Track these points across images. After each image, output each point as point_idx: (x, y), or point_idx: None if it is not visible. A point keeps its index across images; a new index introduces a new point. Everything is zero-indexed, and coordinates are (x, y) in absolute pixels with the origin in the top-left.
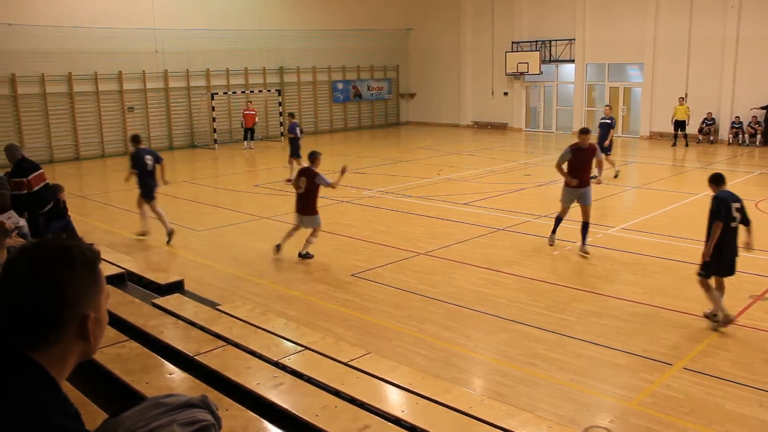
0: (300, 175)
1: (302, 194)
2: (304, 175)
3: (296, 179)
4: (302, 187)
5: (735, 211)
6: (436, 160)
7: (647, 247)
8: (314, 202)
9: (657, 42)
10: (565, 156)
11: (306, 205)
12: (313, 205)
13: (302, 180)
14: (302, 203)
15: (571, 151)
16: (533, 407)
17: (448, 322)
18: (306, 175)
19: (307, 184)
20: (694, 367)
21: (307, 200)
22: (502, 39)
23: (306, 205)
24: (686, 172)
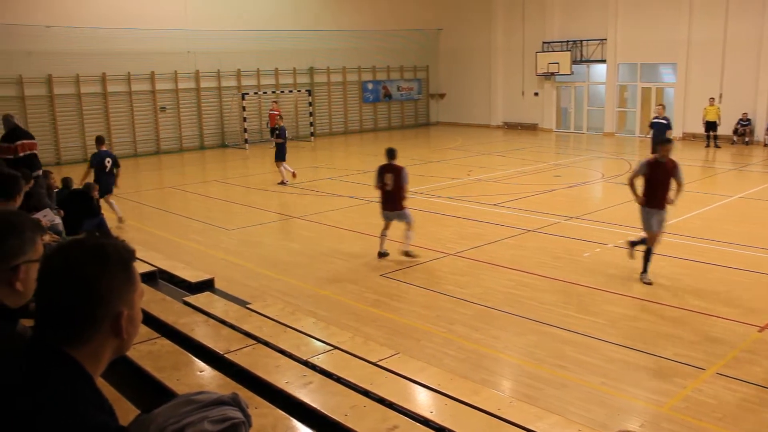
0: (385, 172)
1: (390, 191)
2: (390, 171)
3: (380, 177)
4: (389, 184)
5: None
6: (466, 161)
7: (680, 250)
8: (402, 197)
9: (691, 42)
10: (640, 171)
11: (395, 202)
12: (401, 200)
13: (388, 177)
14: (391, 200)
15: (648, 166)
16: (563, 410)
17: (477, 323)
18: (392, 171)
19: (394, 181)
20: (728, 372)
21: (395, 196)
22: (533, 39)
23: (395, 202)
24: (719, 174)
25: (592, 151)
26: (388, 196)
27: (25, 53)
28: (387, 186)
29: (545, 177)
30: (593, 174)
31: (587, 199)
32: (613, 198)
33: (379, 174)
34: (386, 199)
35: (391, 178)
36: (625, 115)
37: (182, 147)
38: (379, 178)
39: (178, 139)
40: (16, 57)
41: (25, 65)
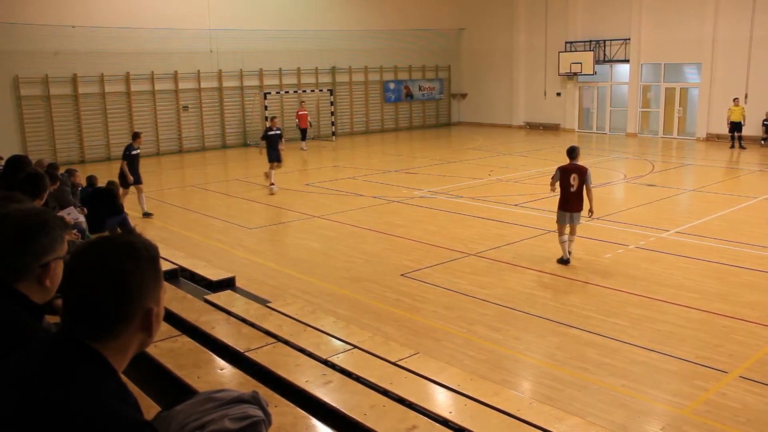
0: (570, 173)
1: (575, 192)
2: (576, 171)
3: (564, 177)
4: (575, 185)
5: None
6: (488, 161)
7: (703, 252)
8: (582, 199)
9: (716, 41)
10: None
11: (580, 202)
12: (582, 201)
13: (574, 177)
14: (577, 200)
15: None
16: (583, 412)
17: (497, 323)
18: (577, 171)
19: (579, 182)
20: (751, 376)
21: (581, 197)
22: (556, 39)
23: (580, 202)
24: (743, 175)
25: (615, 152)
26: (573, 197)
27: (52, 53)
28: (573, 187)
29: None
30: (615, 175)
31: (609, 199)
32: (635, 199)
33: (563, 174)
34: (571, 200)
35: (576, 179)
36: (648, 116)
37: (204, 146)
38: (563, 179)
39: (200, 138)
40: (43, 57)
41: (51, 65)
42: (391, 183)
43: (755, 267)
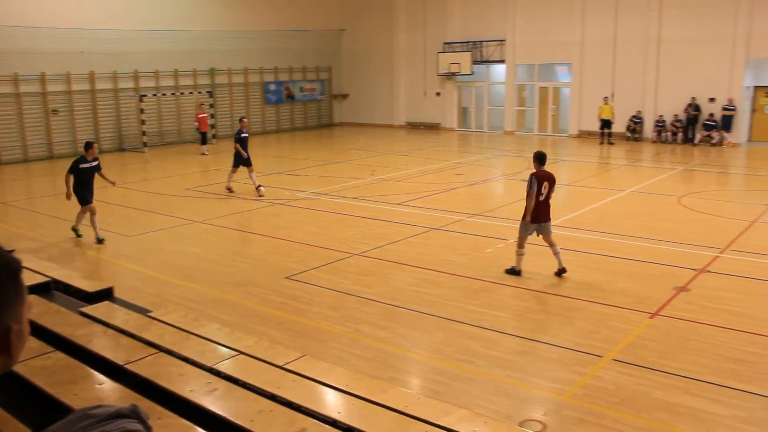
0: (544, 180)
1: (545, 200)
2: (548, 179)
3: (540, 186)
4: (544, 193)
5: None
6: (370, 161)
7: (578, 243)
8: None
9: (584, 43)
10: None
11: (549, 210)
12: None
13: (545, 186)
14: (547, 209)
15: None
16: (470, 404)
17: (383, 322)
18: (549, 179)
19: (548, 190)
20: (623, 358)
21: (549, 205)
22: (435, 40)
23: (549, 210)
24: (612, 169)
25: (494, 150)
26: (543, 206)
27: None
28: (542, 195)
29: (448, 175)
30: (494, 172)
31: (489, 196)
32: (514, 194)
33: (539, 182)
34: (541, 209)
35: (547, 187)
36: (524, 114)
37: (77, 151)
38: (539, 187)
39: (72, 143)
40: None
41: None
42: (274, 185)
43: (626, 256)
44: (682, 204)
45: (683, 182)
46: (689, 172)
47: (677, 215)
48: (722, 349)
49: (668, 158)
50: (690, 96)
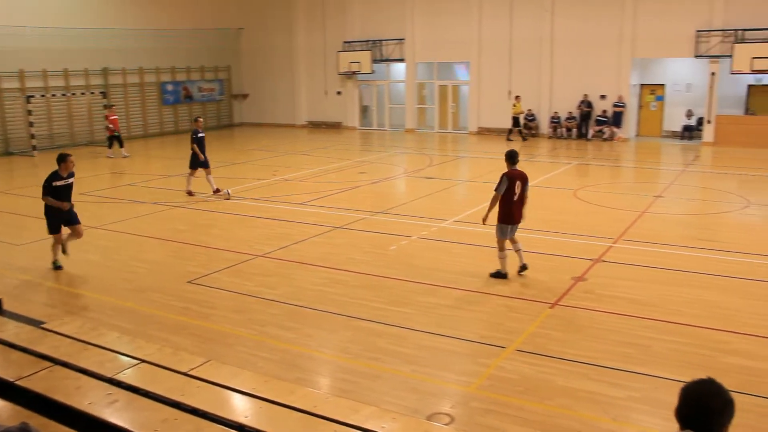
0: (515, 180)
1: (518, 200)
2: (520, 179)
3: (511, 185)
4: (517, 193)
5: None
6: (272, 161)
7: (480, 238)
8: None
9: (481, 42)
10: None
11: (522, 211)
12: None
13: (518, 185)
14: (520, 210)
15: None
16: (378, 401)
17: (289, 323)
18: (522, 179)
19: (521, 189)
20: (526, 348)
21: (522, 206)
22: (334, 39)
23: (522, 211)
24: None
25: (395, 148)
26: (516, 207)
27: None
28: (515, 195)
29: (350, 174)
30: (396, 169)
31: (392, 194)
32: (416, 191)
33: (510, 182)
34: (514, 210)
35: (520, 186)
36: (424, 112)
37: None
38: (510, 187)
39: None
40: None
41: None
42: (173, 188)
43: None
44: (577, 197)
45: (578, 176)
46: (584, 166)
47: (573, 208)
48: (618, 334)
49: (563, 153)
50: (582, 93)
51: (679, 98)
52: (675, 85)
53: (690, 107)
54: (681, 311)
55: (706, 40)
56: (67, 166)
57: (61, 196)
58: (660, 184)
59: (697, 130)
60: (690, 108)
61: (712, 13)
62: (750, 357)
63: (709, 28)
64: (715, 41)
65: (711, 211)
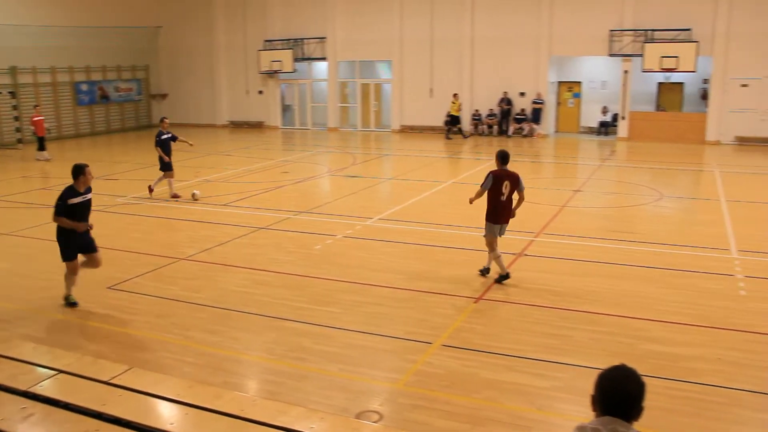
0: (503, 179)
1: (506, 200)
2: (509, 178)
3: (497, 185)
4: (506, 193)
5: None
6: (193, 162)
7: (404, 235)
8: (511, 208)
9: (403, 40)
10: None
11: (510, 211)
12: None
13: (506, 185)
14: (507, 210)
15: None
16: (306, 401)
17: (214, 326)
18: (511, 178)
19: (510, 190)
20: (451, 343)
21: (510, 206)
22: (255, 37)
23: (510, 211)
24: (434, 162)
25: (318, 147)
26: (503, 206)
27: None
28: (503, 195)
29: (273, 174)
30: (320, 169)
31: (315, 193)
32: (340, 190)
33: (496, 181)
34: (501, 210)
35: (508, 186)
36: (347, 111)
37: None
38: (495, 186)
39: None
40: None
41: None
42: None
43: (450, 245)
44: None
45: None
46: None
47: None
48: (541, 326)
49: (485, 150)
50: (502, 91)
51: (595, 95)
52: (591, 82)
53: (605, 104)
54: (601, 301)
55: (619, 40)
56: (85, 180)
57: (78, 216)
58: (578, 178)
59: (612, 125)
60: (605, 105)
61: (623, 14)
62: (665, 343)
63: (621, 28)
64: (627, 41)
65: (627, 203)
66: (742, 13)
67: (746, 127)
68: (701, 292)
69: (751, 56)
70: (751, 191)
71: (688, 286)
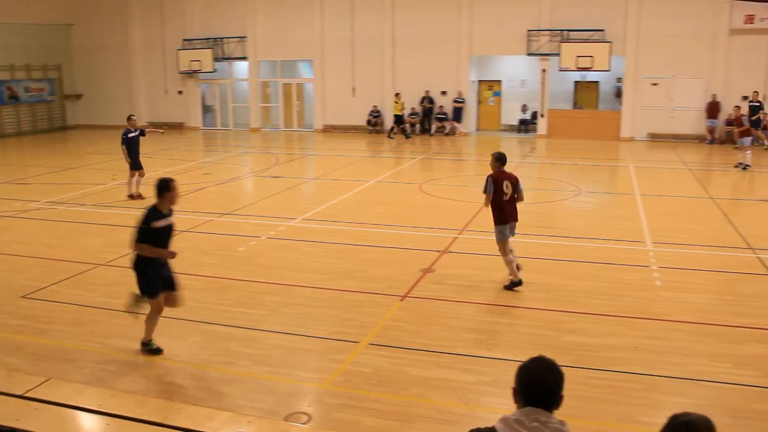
0: (503, 180)
1: (510, 200)
2: (508, 179)
3: (498, 186)
4: (508, 193)
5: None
6: (110, 165)
7: (329, 235)
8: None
9: (324, 40)
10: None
11: (516, 209)
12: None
13: (507, 185)
14: (513, 208)
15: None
16: (233, 405)
17: (136, 333)
18: (510, 179)
19: (512, 189)
20: (378, 341)
21: (515, 204)
22: (173, 36)
23: (516, 209)
24: (358, 161)
25: (240, 147)
26: (509, 206)
27: None
28: (506, 195)
29: (195, 175)
30: (242, 169)
31: (238, 194)
32: (263, 191)
33: (497, 183)
34: (507, 209)
35: (509, 186)
36: (269, 111)
37: None
38: (497, 188)
39: None
40: None
41: None
42: (1, 196)
43: (375, 244)
44: (423, 191)
45: (423, 170)
46: (428, 160)
47: (419, 201)
48: (467, 321)
49: (408, 148)
50: (424, 90)
51: (515, 94)
52: (510, 81)
53: (525, 102)
54: (524, 295)
55: (537, 39)
56: (171, 198)
57: (162, 242)
58: None
59: (532, 123)
60: (525, 103)
61: (540, 14)
62: (586, 334)
63: (538, 28)
64: (545, 40)
65: (547, 199)
66: (650, 15)
67: (657, 124)
68: (619, 283)
69: (661, 56)
70: (662, 185)
71: (607, 279)
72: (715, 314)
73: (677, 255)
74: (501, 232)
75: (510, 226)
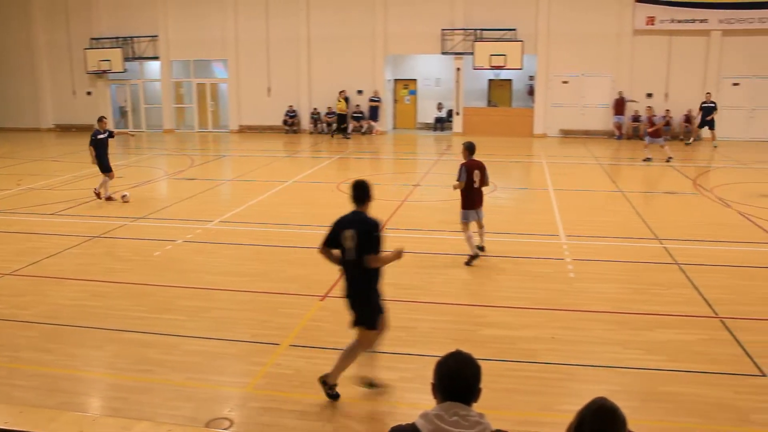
0: (473, 169)
1: (478, 188)
2: (478, 168)
3: (469, 174)
4: (477, 181)
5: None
6: (15, 169)
7: (246, 236)
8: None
9: (239, 40)
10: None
11: (482, 196)
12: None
13: (477, 174)
14: (480, 196)
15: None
16: (152, 414)
17: (47, 344)
18: (480, 168)
19: (480, 178)
20: (299, 342)
21: (482, 192)
22: (80, 35)
23: (482, 196)
24: (275, 161)
25: (154, 149)
26: (476, 193)
27: None
28: (476, 183)
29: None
30: (156, 172)
31: (153, 197)
32: (178, 194)
33: (469, 171)
34: (474, 197)
35: (479, 175)
36: (183, 111)
37: None
38: (468, 176)
39: None
40: None
41: None
42: None
43: (293, 244)
44: (340, 190)
45: (340, 169)
46: (345, 159)
47: (337, 201)
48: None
49: (325, 148)
50: (340, 89)
51: (430, 92)
52: (426, 80)
53: (440, 100)
54: (442, 292)
55: (451, 39)
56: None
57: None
58: (417, 173)
59: (447, 121)
60: (440, 101)
61: (453, 14)
62: (504, 327)
63: (452, 27)
64: (458, 39)
65: None
66: (559, 15)
67: (568, 121)
68: (535, 276)
69: (570, 55)
70: (574, 180)
71: (523, 272)
72: (626, 303)
73: (589, 247)
74: (466, 216)
75: (476, 211)
